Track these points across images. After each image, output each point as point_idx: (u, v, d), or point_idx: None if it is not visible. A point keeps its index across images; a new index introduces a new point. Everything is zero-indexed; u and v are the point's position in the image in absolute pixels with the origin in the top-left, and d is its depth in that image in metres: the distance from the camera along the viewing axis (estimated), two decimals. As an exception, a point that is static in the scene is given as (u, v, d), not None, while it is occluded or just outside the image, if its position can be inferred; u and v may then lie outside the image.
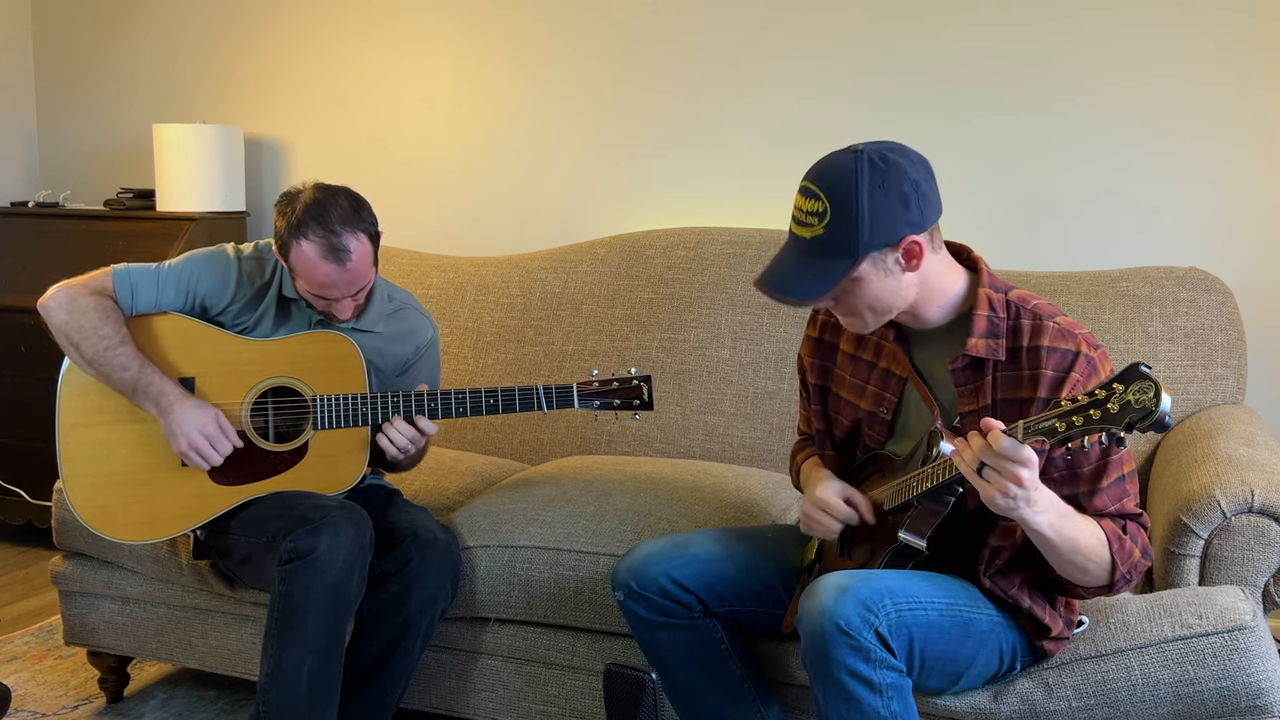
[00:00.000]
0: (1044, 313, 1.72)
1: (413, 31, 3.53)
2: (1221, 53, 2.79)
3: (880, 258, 1.65)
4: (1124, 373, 1.39)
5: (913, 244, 1.65)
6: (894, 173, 1.64)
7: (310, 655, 2.03)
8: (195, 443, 2.13)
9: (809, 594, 1.65)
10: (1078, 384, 1.65)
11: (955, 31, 2.98)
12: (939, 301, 1.74)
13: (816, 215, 1.65)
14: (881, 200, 1.62)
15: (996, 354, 1.70)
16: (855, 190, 1.62)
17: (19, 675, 2.73)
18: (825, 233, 1.64)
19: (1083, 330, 1.71)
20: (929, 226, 1.67)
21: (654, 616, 1.91)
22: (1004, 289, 1.75)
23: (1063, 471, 1.68)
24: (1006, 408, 1.69)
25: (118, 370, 2.13)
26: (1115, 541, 1.65)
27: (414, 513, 2.26)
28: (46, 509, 3.30)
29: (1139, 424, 1.36)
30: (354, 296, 2.17)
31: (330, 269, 2.10)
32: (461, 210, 3.54)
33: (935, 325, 1.77)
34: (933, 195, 1.68)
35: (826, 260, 1.65)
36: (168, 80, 3.86)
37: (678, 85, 3.25)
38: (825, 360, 1.96)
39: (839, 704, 1.61)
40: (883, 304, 1.71)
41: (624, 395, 2.23)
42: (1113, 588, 1.68)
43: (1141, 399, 1.36)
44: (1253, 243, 2.82)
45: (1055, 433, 1.45)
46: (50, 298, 2.17)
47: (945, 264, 1.74)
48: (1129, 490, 1.70)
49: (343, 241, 2.09)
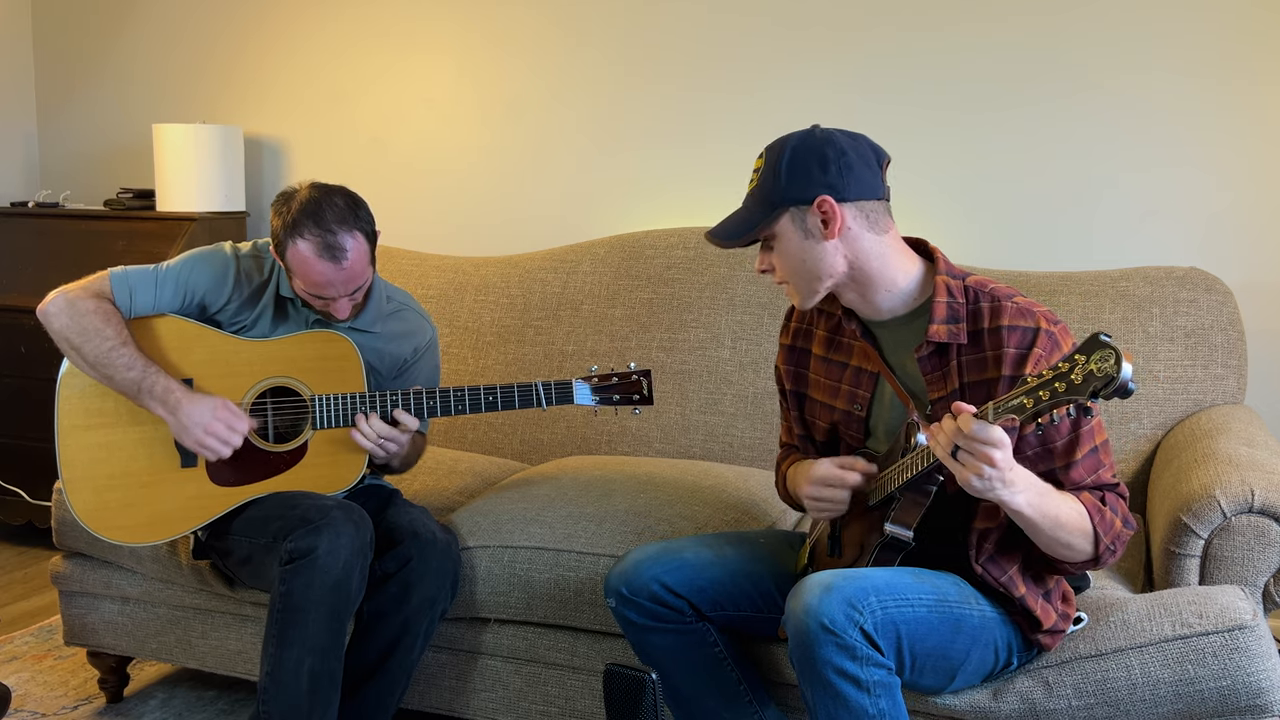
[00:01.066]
0: (1002, 294, 1.75)
1: (414, 30, 3.53)
2: (1223, 52, 2.79)
3: (799, 215, 1.75)
4: (1085, 343, 1.42)
5: (828, 205, 1.71)
6: (823, 140, 1.75)
7: (310, 655, 2.03)
8: (212, 429, 2.11)
9: (795, 594, 1.66)
10: (1040, 359, 1.69)
11: (957, 31, 2.98)
12: (889, 287, 1.78)
13: (757, 171, 1.81)
14: (801, 158, 1.74)
15: (958, 338, 1.74)
16: (785, 148, 1.76)
17: (19, 675, 2.73)
18: (757, 185, 1.79)
19: (1042, 308, 1.74)
20: (851, 197, 1.73)
21: (646, 621, 1.92)
22: (961, 275, 1.79)
23: (1036, 449, 1.70)
24: (975, 390, 1.72)
25: (122, 371, 2.13)
26: (1095, 513, 1.67)
27: (414, 513, 2.25)
28: (46, 509, 3.30)
29: (1103, 391, 1.38)
30: (351, 296, 2.17)
31: (326, 268, 2.09)
32: (462, 210, 3.54)
33: (895, 316, 1.80)
34: (862, 173, 1.74)
35: (754, 210, 1.79)
36: (168, 80, 3.86)
37: (679, 82, 3.25)
38: (799, 366, 1.99)
39: (827, 702, 1.61)
40: (807, 269, 1.77)
41: (624, 390, 2.23)
42: (1099, 560, 1.70)
43: (1104, 367, 1.38)
44: (1253, 243, 2.82)
45: (1024, 409, 1.47)
46: (49, 303, 2.16)
47: (890, 248, 1.78)
48: (1103, 461, 1.73)
49: (339, 240, 2.09)
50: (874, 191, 1.75)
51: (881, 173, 1.77)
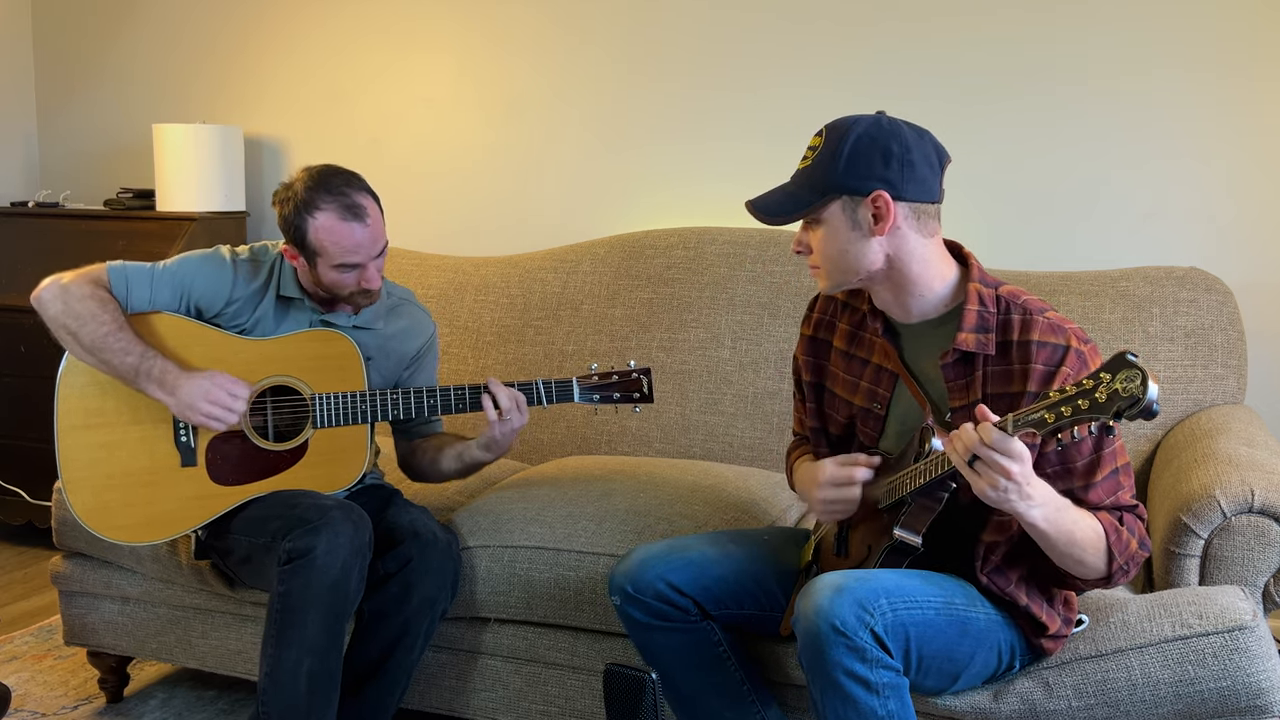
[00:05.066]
0: (1034, 308, 1.73)
1: (413, 28, 3.53)
2: (1224, 52, 2.79)
3: (851, 205, 1.70)
4: (1110, 362, 1.40)
5: (882, 200, 1.68)
6: (890, 133, 1.70)
7: (309, 655, 2.03)
8: (214, 397, 2.11)
9: (805, 594, 1.66)
10: (1068, 378, 1.66)
11: (959, 29, 2.98)
12: (924, 291, 1.76)
13: (813, 150, 1.74)
14: (865, 147, 1.69)
15: (986, 349, 1.71)
16: (849, 134, 1.70)
17: (19, 675, 2.73)
18: (812, 165, 1.73)
19: (1073, 325, 1.72)
20: (908, 197, 1.70)
21: (650, 620, 1.92)
22: (994, 284, 1.76)
23: (1056, 467, 1.69)
24: (997, 402, 1.70)
25: (119, 355, 2.12)
26: (1112, 533, 1.66)
27: (414, 512, 2.25)
28: (46, 509, 3.30)
29: (1127, 412, 1.36)
30: (377, 260, 2.19)
31: (354, 228, 2.13)
32: (461, 210, 3.54)
33: (924, 319, 1.78)
34: (924, 173, 1.71)
35: (804, 190, 1.73)
36: (167, 80, 3.86)
37: (680, 80, 3.25)
38: (820, 358, 1.96)
39: (836, 704, 1.61)
40: (846, 260, 1.73)
41: (624, 389, 2.24)
42: (1110, 579, 1.69)
43: (1129, 387, 1.36)
44: (1253, 243, 2.82)
45: (1045, 424, 1.46)
46: (43, 290, 2.16)
47: (933, 253, 1.75)
48: (1123, 483, 1.71)
49: (356, 200, 2.14)
50: (930, 194, 1.72)
51: (941, 174, 1.74)
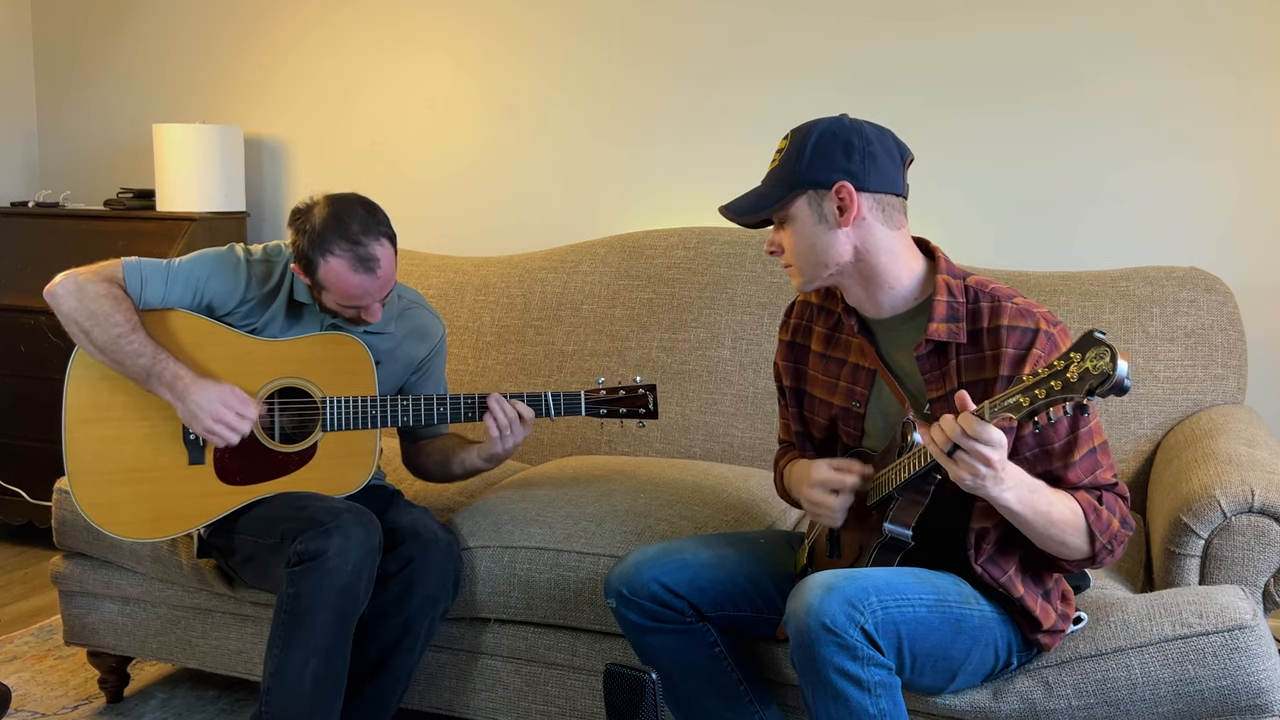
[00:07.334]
0: (1002, 294, 1.75)
1: (414, 29, 3.53)
2: (1224, 52, 2.79)
3: (816, 199, 1.74)
4: (1080, 341, 1.42)
5: (846, 191, 1.71)
6: (850, 129, 1.75)
7: (315, 657, 2.03)
8: (219, 415, 2.11)
9: (795, 594, 1.67)
10: (1039, 360, 1.69)
11: (959, 29, 2.98)
12: (894, 284, 1.78)
13: (780, 152, 1.80)
14: (827, 143, 1.74)
15: (958, 337, 1.74)
16: (812, 132, 1.76)
17: (19, 675, 2.73)
18: (779, 165, 1.79)
19: (1041, 309, 1.74)
20: (871, 188, 1.73)
21: (646, 622, 1.93)
22: (962, 275, 1.80)
23: (1034, 450, 1.71)
24: (972, 390, 1.71)
25: (131, 357, 2.12)
26: (1091, 512, 1.68)
27: (415, 513, 2.26)
28: (46, 509, 3.29)
29: (1100, 389, 1.38)
30: (382, 300, 2.19)
31: (362, 280, 2.11)
32: (461, 210, 3.54)
33: (895, 313, 1.81)
34: (887, 166, 1.74)
35: (772, 188, 1.79)
36: (167, 80, 3.86)
37: (680, 80, 3.25)
38: (798, 363, 1.99)
39: (828, 703, 1.62)
40: (815, 254, 1.77)
41: (630, 404, 2.26)
42: (1095, 559, 1.70)
43: (1099, 364, 1.38)
44: (1253, 243, 2.82)
45: (1020, 408, 1.47)
46: (58, 285, 2.16)
47: (900, 245, 1.78)
48: (1102, 461, 1.73)
49: (370, 251, 2.10)
50: (894, 185, 1.76)
51: (904, 169, 1.78)
